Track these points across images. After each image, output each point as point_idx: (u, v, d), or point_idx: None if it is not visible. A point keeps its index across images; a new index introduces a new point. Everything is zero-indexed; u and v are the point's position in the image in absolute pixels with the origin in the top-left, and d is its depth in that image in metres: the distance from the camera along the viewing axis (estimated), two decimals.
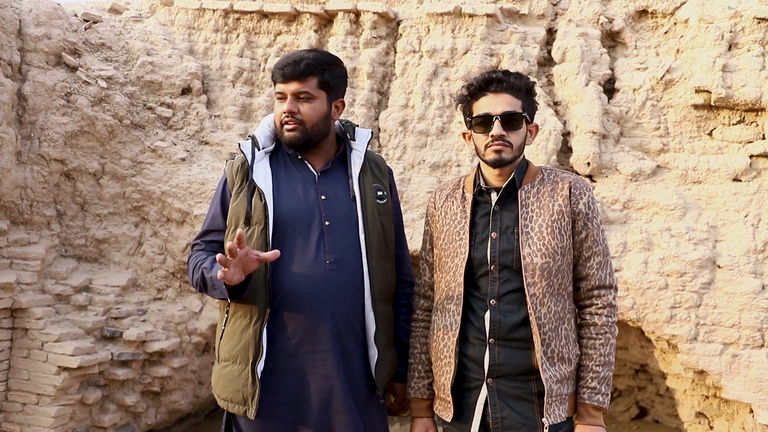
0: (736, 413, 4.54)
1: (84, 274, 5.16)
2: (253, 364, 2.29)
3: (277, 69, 2.38)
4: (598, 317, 2.30)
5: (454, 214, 2.40)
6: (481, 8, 5.12)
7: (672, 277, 4.49)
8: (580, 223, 2.30)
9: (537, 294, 2.23)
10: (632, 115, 4.94)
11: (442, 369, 2.35)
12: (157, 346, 4.98)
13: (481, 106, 2.30)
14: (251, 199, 2.34)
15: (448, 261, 2.36)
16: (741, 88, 4.56)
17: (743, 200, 4.58)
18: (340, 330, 2.34)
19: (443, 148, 5.10)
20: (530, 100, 2.36)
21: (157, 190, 5.24)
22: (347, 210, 2.41)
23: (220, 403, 2.40)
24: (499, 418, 2.24)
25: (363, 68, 5.31)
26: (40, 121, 5.02)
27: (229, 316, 2.39)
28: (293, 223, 2.34)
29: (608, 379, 2.28)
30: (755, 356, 4.30)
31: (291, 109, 2.36)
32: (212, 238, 2.46)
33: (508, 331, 2.25)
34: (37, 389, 4.67)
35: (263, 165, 2.41)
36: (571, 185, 2.32)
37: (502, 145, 2.26)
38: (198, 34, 5.72)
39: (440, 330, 2.37)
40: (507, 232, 2.30)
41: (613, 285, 2.33)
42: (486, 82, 2.30)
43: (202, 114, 5.46)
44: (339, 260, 2.34)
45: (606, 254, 2.33)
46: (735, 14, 4.65)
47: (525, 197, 2.31)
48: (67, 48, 5.24)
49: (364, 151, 2.52)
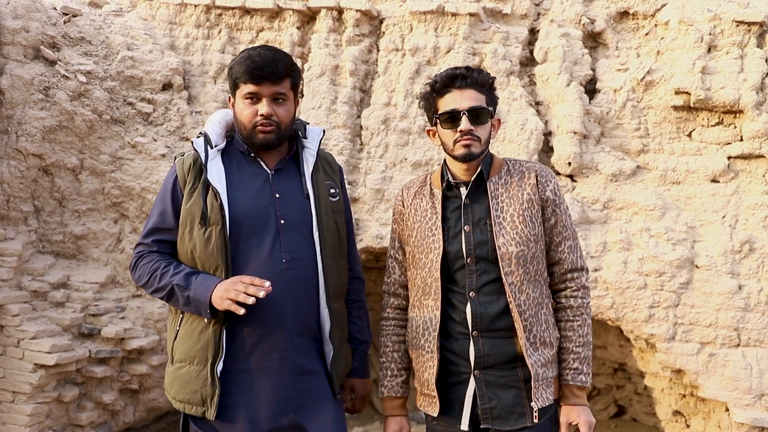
0: (712, 412, 4.59)
1: (62, 270, 5.10)
2: (213, 365, 2.27)
3: (252, 70, 2.29)
4: (574, 299, 2.37)
5: (424, 210, 2.42)
6: (464, 7, 5.12)
7: (651, 277, 4.53)
8: (549, 210, 2.37)
9: (515, 282, 2.27)
10: (613, 115, 4.97)
11: (425, 365, 2.36)
12: (135, 344, 4.93)
13: (447, 102, 2.33)
14: (206, 199, 2.31)
15: (423, 257, 2.38)
16: (720, 90, 4.61)
17: (721, 201, 4.63)
18: (297, 328, 2.33)
19: (425, 146, 5.10)
20: (492, 95, 2.40)
21: (136, 186, 5.19)
22: (301, 208, 2.39)
23: (176, 405, 2.36)
24: (488, 408, 2.27)
25: (345, 66, 5.29)
26: (18, 115, 4.95)
27: (184, 317, 2.35)
28: (249, 223, 2.32)
29: (588, 358, 2.35)
30: (731, 355, 4.35)
31: (270, 112, 2.32)
32: (161, 238, 2.39)
33: (490, 322, 2.28)
34: (13, 387, 4.60)
35: (216, 163, 2.36)
36: (537, 174, 2.39)
37: (471, 140, 2.30)
38: (179, 29, 5.67)
39: (419, 326, 2.38)
40: (479, 225, 2.34)
41: (584, 267, 2.41)
42: (450, 78, 2.33)
43: (183, 110, 5.42)
44: (295, 259, 2.33)
45: (575, 238, 2.41)
46: (714, 17, 4.70)
47: (494, 189, 2.36)
48: (45, 41, 5.17)
49: (316, 149, 2.49)
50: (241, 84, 2.34)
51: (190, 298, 2.24)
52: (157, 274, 2.33)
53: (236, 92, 2.37)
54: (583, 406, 2.31)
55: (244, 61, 2.33)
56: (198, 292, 2.23)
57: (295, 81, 2.40)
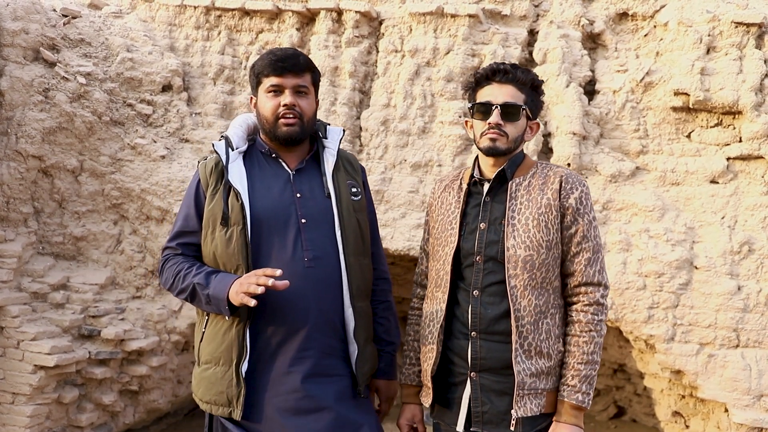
0: (711, 412, 4.60)
1: (61, 272, 5.10)
2: (237, 365, 2.28)
3: (274, 62, 2.36)
4: (584, 314, 2.31)
5: (449, 204, 2.43)
6: (464, 8, 5.13)
7: (650, 278, 4.53)
8: (569, 218, 2.30)
9: (518, 286, 2.24)
10: (612, 116, 4.98)
11: (426, 355, 2.39)
12: (135, 345, 4.93)
13: (484, 95, 2.34)
14: (227, 200, 2.33)
15: (440, 250, 2.39)
16: (719, 91, 4.61)
17: (720, 202, 4.63)
18: (321, 327, 2.34)
19: (425, 147, 5.10)
20: (535, 96, 2.37)
21: (136, 188, 5.20)
22: (323, 207, 2.41)
23: (203, 407, 2.38)
24: (480, 413, 2.27)
25: (345, 67, 5.30)
26: (17, 116, 4.95)
27: (210, 318, 2.38)
28: (270, 222, 2.34)
29: (591, 378, 2.27)
30: (730, 356, 4.36)
31: (293, 102, 2.36)
32: (186, 241, 2.44)
33: (488, 324, 2.26)
34: (13, 388, 4.61)
35: (238, 165, 2.39)
36: (562, 179, 2.32)
37: (497, 134, 2.29)
38: (179, 30, 5.67)
39: (426, 317, 2.41)
40: (495, 224, 2.32)
41: (602, 283, 2.32)
42: (492, 72, 2.34)
43: (183, 111, 5.42)
44: (317, 257, 2.34)
45: (596, 251, 2.31)
46: (713, 18, 4.70)
47: (515, 189, 2.33)
48: (45, 43, 5.18)
49: (336, 148, 2.52)
50: (263, 78, 2.39)
51: (210, 296, 2.26)
52: (180, 275, 2.37)
53: (259, 88, 2.42)
54: (574, 426, 2.21)
55: (267, 56, 2.39)
56: (217, 289, 2.25)
57: (316, 78, 2.45)
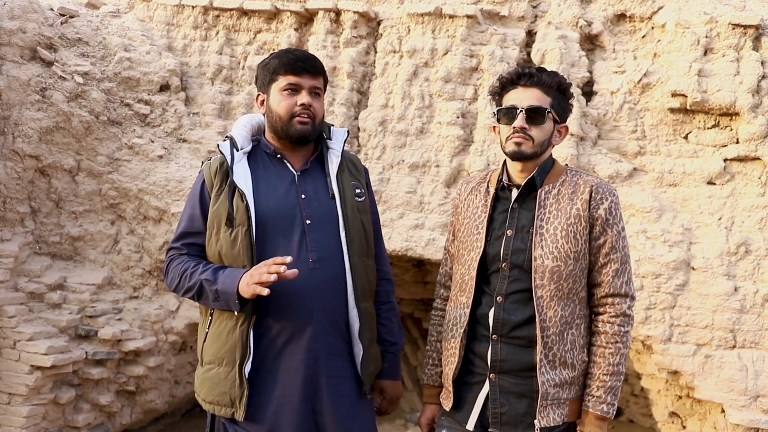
0: (708, 413, 4.61)
1: (58, 272, 5.09)
2: (240, 366, 2.28)
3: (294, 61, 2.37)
4: (610, 326, 2.27)
5: (476, 207, 2.41)
6: (462, 9, 5.13)
7: (647, 279, 4.54)
8: (598, 229, 2.28)
9: (544, 296, 2.23)
10: (610, 117, 4.99)
11: (448, 359, 2.39)
12: (132, 345, 4.92)
13: (509, 99, 2.32)
14: (232, 201, 2.33)
15: (465, 254, 2.38)
16: (716, 93, 4.62)
17: (717, 203, 4.65)
18: (326, 328, 2.35)
19: (422, 148, 5.10)
20: (562, 99, 2.35)
21: (134, 188, 5.19)
22: (327, 208, 2.41)
23: (205, 407, 2.38)
24: (498, 414, 2.27)
25: (343, 67, 5.30)
26: (14, 116, 4.94)
27: (213, 318, 2.37)
28: (274, 223, 2.34)
29: (615, 389, 2.26)
30: (727, 357, 4.37)
31: (310, 102, 2.37)
32: (191, 241, 2.43)
33: (511, 329, 2.26)
34: (9, 389, 4.60)
35: (242, 165, 2.39)
36: (592, 189, 2.30)
37: (523, 138, 2.27)
38: (177, 30, 5.67)
39: (450, 321, 2.41)
40: (522, 231, 2.30)
41: (629, 294, 2.30)
42: (518, 76, 2.32)
43: (181, 111, 5.41)
44: (321, 258, 2.35)
45: (625, 262, 2.30)
46: (711, 20, 4.71)
47: (544, 197, 2.31)
48: (42, 42, 5.16)
49: (341, 150, 2.53)
50: (279, 76, 2.39)
51: (219, 291, 2.25)
52: (186, 273, 2.35)
53: (272, 85, 2.41)
54: None
55: (284, 55, 2.39)
56: (225, 284, 2.24)
57: (326, 82, 2.49)
